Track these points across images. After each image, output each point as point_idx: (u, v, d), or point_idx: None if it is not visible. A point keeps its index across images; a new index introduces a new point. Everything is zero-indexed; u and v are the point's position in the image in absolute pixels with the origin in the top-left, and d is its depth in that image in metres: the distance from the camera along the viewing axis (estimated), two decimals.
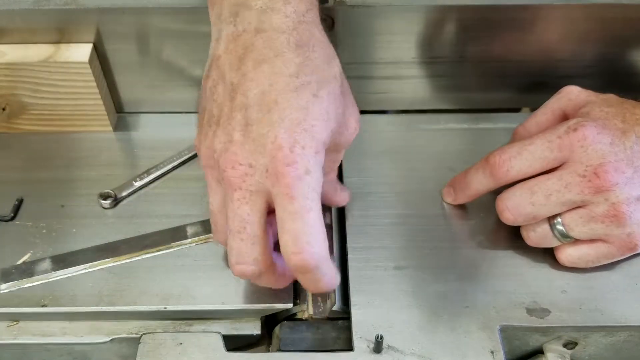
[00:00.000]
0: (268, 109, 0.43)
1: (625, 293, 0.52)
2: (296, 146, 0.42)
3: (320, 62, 0.46)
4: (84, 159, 0.62)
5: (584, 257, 0.52)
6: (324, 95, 0.44)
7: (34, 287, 0.52)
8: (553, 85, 0.57)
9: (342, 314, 0.53)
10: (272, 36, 0.45)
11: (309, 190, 0.42)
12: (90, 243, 0.55)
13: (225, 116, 0.44)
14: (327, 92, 0.45)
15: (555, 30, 0.60)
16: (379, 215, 0.57)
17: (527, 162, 0.51)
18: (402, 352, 0.49)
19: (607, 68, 0.63)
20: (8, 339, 0.52)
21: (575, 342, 0.52)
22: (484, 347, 0.49)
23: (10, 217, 0.57)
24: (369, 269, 0.54)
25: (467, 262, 0.54)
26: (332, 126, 0.45)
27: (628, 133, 0.50)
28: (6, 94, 0.60)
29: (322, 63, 0.46)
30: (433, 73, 0.64)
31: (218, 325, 0.53)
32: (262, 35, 0.45)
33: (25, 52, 0.58)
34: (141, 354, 0.49)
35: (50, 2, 0.57)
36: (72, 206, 0.58)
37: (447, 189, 0.58)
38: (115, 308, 0.51)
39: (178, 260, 0.54)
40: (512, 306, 0.52)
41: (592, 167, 0.49)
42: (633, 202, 0.49)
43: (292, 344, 0.52)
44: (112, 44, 0.60)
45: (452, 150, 0.62)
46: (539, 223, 0.52)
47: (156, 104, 0.65)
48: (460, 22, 0.59)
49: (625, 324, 0.51)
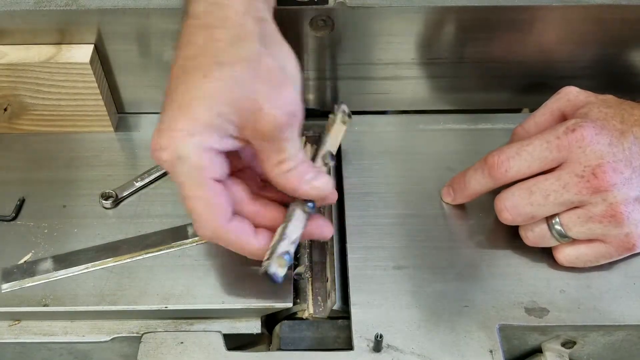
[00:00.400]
0: (169, 95, 0.46)
1: (624, 293, 0.53)
2: (171, 129, 0.45)
3: (224, 44, 0.46)
4: (85, 159, 0.62)
5: (582, 257, 0.52)
6: (216, 77, 0.45)
7: (36, 287, 0.53)
8: (552, 85, 0.57)
9: (342, 313, 0.54)
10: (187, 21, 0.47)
11: (182, 173, 0.45)
12: (92, 243, 0.55)
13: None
14: (220, 73, 0.45)
15: (554, 31, 0.60)
16: (379, 215, 0.58)
17: (526, 162, 0.51)
18: (401, 351, 0.49)
19: (605, 69, 0.63)
20: (10, 338, 0.52)
21: (574, 341, 0.52)
22: (483, 346, 0.50)
23: (12, 217, 0.57)
24: (368, 269, 0.54)
25: (466, 262, 0.55)
26: (222, 109, 0.45)
27: (626, 134, 0.50)
28: (7, 94, 0.60)
29: (226, 45, 0.46)
30: (432, 74, 0.64)
31: (218, 324, 0.53)
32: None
33: (27, 53, 0.58)
34: (142, 353, 0.49)
35: (52, 3, 0.57)
36: (73, 206, 0.58)
37: (446, 189, 0.58)
38: (116, 307, 0.52)
39: (179, 260, 0.55)
40: (511, 306, 0.52)
41: (591, 168, 0.49)
42: (631, 203, 0.49)
43: (292, 343, 0.52)
44: (113, 44, 0.60)
45: (452, 151, 0.62)
46: (537, 223, 0.52)
47: (157, 105, 0.64)
48: (459, 23, 0.60)
49: (623, 323, 0.51)
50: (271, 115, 0.45)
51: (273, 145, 0.47)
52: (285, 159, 0.47)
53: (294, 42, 0.60)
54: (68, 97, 0.61)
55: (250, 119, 0.45)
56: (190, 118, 0.45)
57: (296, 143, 0.48)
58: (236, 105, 0.45)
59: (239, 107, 0.45)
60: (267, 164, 0.48)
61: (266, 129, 0.46)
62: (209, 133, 0.45)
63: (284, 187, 0.48)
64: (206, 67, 0.45)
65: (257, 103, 0.45)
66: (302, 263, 0.57)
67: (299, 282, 0.56)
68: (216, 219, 0.47)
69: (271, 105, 0.45)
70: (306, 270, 0.57)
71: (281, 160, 0.47)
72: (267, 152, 0.47)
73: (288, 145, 0.47)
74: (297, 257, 0.57)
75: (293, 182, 0.48)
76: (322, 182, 0.49)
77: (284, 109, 0.46)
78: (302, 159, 0.48)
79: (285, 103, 0.46)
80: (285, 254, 0.48)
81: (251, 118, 0.45)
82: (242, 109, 0.45)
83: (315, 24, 0.59)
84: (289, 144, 0.47)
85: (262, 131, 0.46)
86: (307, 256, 0.58)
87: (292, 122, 0.47)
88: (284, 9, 0.56)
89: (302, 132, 0.66)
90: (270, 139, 0.47)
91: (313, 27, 0.59)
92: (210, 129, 0.45)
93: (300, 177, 0.48)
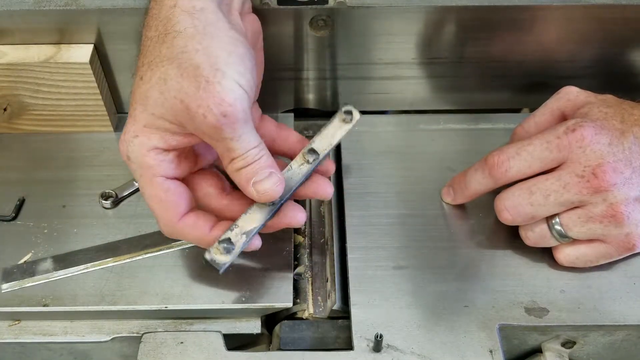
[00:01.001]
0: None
1: (624, 293, 0.53)
2: (126, 134, 0.47)
3: (155, 42, 0.46)
4: (85, 159, 0.62)
5: (582, 257, 0.52)
6: (148, 78, 0.45)
7: (36, 287, 0.53)
8: (552, 85, 0.57)
9: (342, 313, 0.54)
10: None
11: (135, 173, 0.47)
12: (91, 243, 0.55)
13: None
14: (151, 74, 0.45)
15: (554, 31, 0.60)
16: (379, 215, 0.57)
17: (526, 162, 0.51)
18: (401, 351, 0.49)
19: (605, 69, 0.63)
20: (10, 338, 0.52)
21: (574, 341, 0.52)
22: (483, 346, 0.50)
23: (11, 217, 0.57)
24: (368, 269, 0.54)
25: (466, 262, 0.55)
26: (155, 110, 0.45)
27: (626, 133, 0.50)
28: (7, 94, 0.60)
29: (157, 43, 0.45)
30: (433, 74, 0.64)
31: (218, 324, 0.53)
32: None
33: (26, 53, 0.58)
34: (142, 353, 0.49)
35: (51, 2, 0.57)
36: (73, 206, 0.58)
37: (446, 189, 0.58)
38: (116, 307, 0.52)
39: (178, 260, 0.55)
40: (511, 306, 0.52)
41: (591, 168, 0.49)
42: (631, 203, 0.49)
43: (292, 343, 0.52)
44: (113, 44, 0.60)
45: (452, 151, 0.62)
46: (538, 223, 0.52)
47: None
48: (459, 22, 0.60)
49: (623, 323, 0.51)
50: (200, 116, 0.44)
51: (220, 143, 0.46)
52: (235, 157, 0.46)
53: (294, 42, 0.60)
54: (68, 97, 0.61)
55: (185, 118, 0.45)
56: (133, 121, 0.46)
57: (246, 140, 0.46)
58: (167, 105, 0.45)
59: (170, 107, 0.45)
60: (223, 161, 0.48)
61: (203, 128, 0.44)
62: (149, 133, 0.46)
63: (237, 184, 0.48)
64: (141, 69, 0.46)
65: (184, 103, 0.44)
66: (302, 263, 0.57)
67: (299, 282, 0.56)
68: (168, 215, 0.48)
69: (199, 105, 0.43)
70: (306, 270, 0.57)
71: (232, 157, 0.46)
72: (218, 149, 0.47)
73: (235, 144, 0.45)
74: (297, 257, 0.57)
75: (241, 182, 0.47)
76: (268, 185, 0.46)
77: (215, 110, 0.43)
78: (254, 158, 0.46)
79: (216, 102, 0.43)
80: (226, 241, 0.47)
81: (186, 117, 0.45)
82: (173, 109, 0.45)
83: (315, 24, 0.58)
84: (236, 142, 0.45)
85: (201, 130, 0.45)
86: (307, 256, 0.58)
87: (229, 121, 0.44)
88: (284, 9, 0.56)
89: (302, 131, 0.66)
90: (213, 138, 0.45)
91: (313, 27, 0.59)
92: (150, 129, 0.46)
93: (247, 177, 0.47)
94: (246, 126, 0.45)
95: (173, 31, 0.45)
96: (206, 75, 0.43)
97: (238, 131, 0.45)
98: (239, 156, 0.46)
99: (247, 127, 0.46)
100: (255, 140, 0.46)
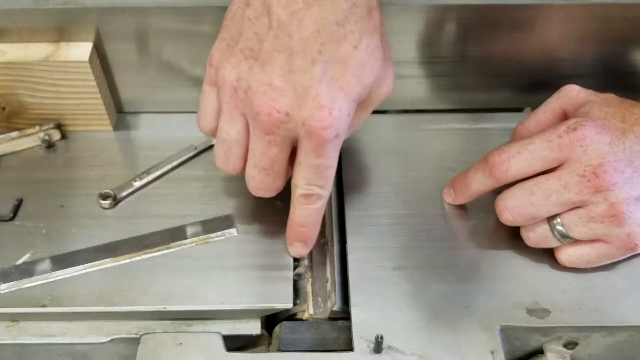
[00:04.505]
0: (312, 60, 0.44)
1: (626, 293, 0.52)
2: (334, 108, 0.44)
3: (363, 10, 0.45)
4: (84, 159, 0.62)
5: (584, 258, 0.52)
6: (363, 48, 0.45)
7: (34, 287, 0.52)
8: (553, 85, 0.57)
9: (342, 314, 0.53)
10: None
11: (333, 151, 0.46)
12: (90, 243, 0.55)
13: (265, 53, 0.44)
14: (366, 44, 0.45)
15: (555, 30, 0.60)
16: (379, 215, 0.57)
17: (527, 161, 0.51)
18: (402, 352, 0.49)
19: (607, 67, 0.63)
20: (8, 339, 0.52)
21: (576, 342, 0.52)
22: (484, 347, 0.49)
23: (9, 217, 0.57)
24: (368, 269, 0.54)
25: (467, 263, 0.54)
26: (365, 82, 0.45)
27: (627, 133, 0.50)
28: (6, 93, 0.60)
29: (364, 12, 0.45)
30: (433, 73, 0.64)
31: (218, 325, 0.53)
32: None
33: (25, 52, 0.58)
34: (141, 354, 0.49)
35: (50, 1, 0.56)
36: (71, 206, 0.58)
37: (447, 189, 0.58)
38: (115, 308, 0.51)
39: (178, 261, 0.54)
40: (513, 306, 0.52)
41: (592, 167, 0.49)
42: (632, 202, 0.49)
43: (292, 344, 0.52)
44: (112, 43, 0.60)
45: (453, 150, 0.62)
46: (539, 223, 0.52)
47: (156, 104, 0.65)
48: (460, 21, 0.59)
49: (625, 324, 0.51)
50: (387, 85, 0.48)
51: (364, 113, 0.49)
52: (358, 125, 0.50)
53: None
54: (67, 96, 0.60)
55: (370, 88, 0.46)
56: (348, 99, 0.45)
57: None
58: (373, 76, 0.46)
59: (374, 77, 0.46)
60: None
61: (379, 97, 0.48)
62: (353, 109, 0.46)
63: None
64: (354, 36, 0.44)
65: (382, 71, 0.46)
66: (302, 264, 0.57)
67: (299, 283, 0.56)
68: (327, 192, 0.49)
69: (389, 75, 0.48)
70: (306, 270, 0.56)
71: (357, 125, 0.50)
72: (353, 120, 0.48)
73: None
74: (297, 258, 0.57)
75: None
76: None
77: (393, 78, 0.48)
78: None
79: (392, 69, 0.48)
80: None
81: (372, 86, 0.47)
82: (375, 78, 0.46)
83: None
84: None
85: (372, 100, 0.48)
86: (307, 257, 0.57)
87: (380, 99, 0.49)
88: None
89: None
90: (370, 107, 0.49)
91: None
92: (355, 105, 0.46)
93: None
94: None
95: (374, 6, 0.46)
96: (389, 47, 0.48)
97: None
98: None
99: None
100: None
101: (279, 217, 0.56)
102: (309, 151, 0.46)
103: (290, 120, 0.45)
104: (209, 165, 0.61)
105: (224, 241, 0.56)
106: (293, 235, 0.53)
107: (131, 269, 0.54)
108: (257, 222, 0.57)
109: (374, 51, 0.46)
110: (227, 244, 0.56)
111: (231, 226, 0.56)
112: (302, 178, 0.47)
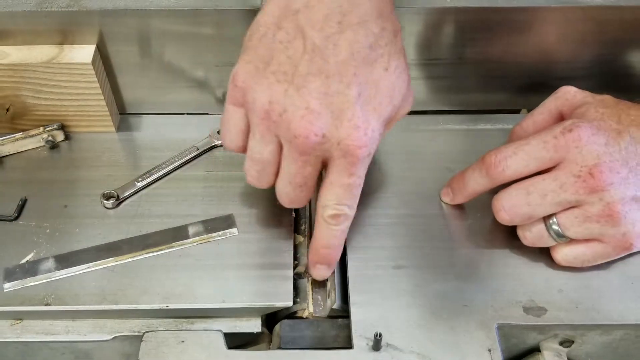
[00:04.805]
0: (348, 83, 0.45)
1: (621, 292, 0.53)
2: (369, 128, 0.45)
3: (391, 34, 0.46)
4: (87, 160, 0.62)
5: (580, 257, 0.52)
6: (392, 70, 0.46)
7: (37, 286, 0.53)
8: (551, 86, 0.57)
9: (341, 313, 0.54)
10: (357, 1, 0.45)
11: (363, 170, 0.47)
12: (93, 242, 0.56)
13: (300, 77, 0.45)
14: (395, 66, 0.46)
15: (553, 32, 0.60)
16: (379, 215, 0.58)
17: (523, 162, 0.51)
18: (400, 350, 0.49)
19: (603, 69, 0.63)
20: (12, 337, 0.53)
21: (572, 340, 0.53)
22: (481, 345, 0.50)
23: (14, 217, 0.57)
24: (368, 269, 0.54)
25: (465, 262, 0.55)
26: (395, 102, 0.47)
27: (623, 134, 0.50)
28: (10, 94, 0.61)
29: (392, 35, 0.46)
30: (432, 74, 0.64)
31: (219, 323, 0.53)
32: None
33: (29, 54, 0.59)
34: (143, 352, 0.50)
35: (53, 4, 0.57)
36: (75, 206, 0.58)
37: (445, 189, 0.58)
38: (117, 307, 0.52)
39: (180, 260, 0.55)
40: (510, 305, 0.52)
41: (587, 168, 0.49)
42: (628, 202, 0.49)
43: (292, 342, 0.52)
44: (115, 45, 0.60)
45: (451, 151, 0.63)
46: (535, 223, 0.52)
47: (158, 105, 0.65)
48: (459, 24, 0.60)
49: (621, 322, 0.51)
50: (409, 102, 0.49)
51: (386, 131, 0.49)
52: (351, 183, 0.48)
53: None
54: (70, 97, 0.61)
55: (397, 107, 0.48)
56: (380, 119, 0.46)
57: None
58: (401, 96, 0.47)
59: (402, 96, 0.48)
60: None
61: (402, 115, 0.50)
62: (384, 126, 0.48)
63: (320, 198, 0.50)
64: (384, 59, 0.46)
65: (408, 91, 0.48)
66: (302, 263, 0.57)
67: (299, 282, 0.56)
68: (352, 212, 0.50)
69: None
70: (306, 269, 0.57)
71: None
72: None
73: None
74: (297, 257, 0.57)
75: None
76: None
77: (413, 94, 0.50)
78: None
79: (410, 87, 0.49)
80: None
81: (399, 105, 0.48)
82: (402, 97, 0.48)
83: None
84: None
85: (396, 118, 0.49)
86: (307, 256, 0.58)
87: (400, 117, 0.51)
88: None
89: None
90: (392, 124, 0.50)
91: None
92: (384, 123, 0.47)
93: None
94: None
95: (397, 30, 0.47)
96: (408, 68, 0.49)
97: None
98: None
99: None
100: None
101: (279, 217, 0.57)
102: (341, 170, 0.47)
103: (326, 141, 0.45)
104: (210, 165, 0.62)
105: (225, 240, 0.56)
106: (317, 258, 0.52)
107: (133, 268, 0.54)
108: (257, 222, 0.57)
109: (402, 73, 0.47)
110: (228, 243, 0.56)
111: (232, 226, 0.57)
112: (333, 198, 0.48)
